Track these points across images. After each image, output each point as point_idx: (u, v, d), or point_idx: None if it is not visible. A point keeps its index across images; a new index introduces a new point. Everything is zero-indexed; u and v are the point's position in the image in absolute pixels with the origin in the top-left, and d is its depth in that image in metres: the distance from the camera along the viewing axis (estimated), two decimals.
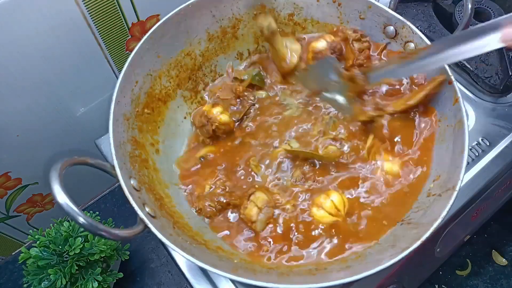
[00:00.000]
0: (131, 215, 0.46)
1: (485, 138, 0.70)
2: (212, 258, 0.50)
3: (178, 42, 0.64)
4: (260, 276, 0.48)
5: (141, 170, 0.55)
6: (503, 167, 0.68)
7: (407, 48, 0.61)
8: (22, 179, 0.85)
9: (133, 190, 0.49)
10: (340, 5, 0.65)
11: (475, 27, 0.47)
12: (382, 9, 0.61)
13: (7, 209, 0.89)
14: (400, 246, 0.46)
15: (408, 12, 0.83)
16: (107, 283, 0.81)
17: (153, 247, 1.04)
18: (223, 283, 0.59)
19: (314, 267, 0.51)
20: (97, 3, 0.66)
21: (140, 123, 0.59)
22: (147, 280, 1.00)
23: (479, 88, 0.76)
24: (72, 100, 0.80)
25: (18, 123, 0.74)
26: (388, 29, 0.63)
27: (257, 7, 0.68)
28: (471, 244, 1.08)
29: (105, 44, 0.74)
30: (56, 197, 0.40)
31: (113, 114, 0.53)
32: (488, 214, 0.84)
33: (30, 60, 0.67)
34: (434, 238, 0.73)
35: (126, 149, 0.54)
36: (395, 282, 0.74)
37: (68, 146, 0.88)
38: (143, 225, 0.46)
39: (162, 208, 0.53)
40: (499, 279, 1.04)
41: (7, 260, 1.03)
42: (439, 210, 0.47)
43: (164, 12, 0.61)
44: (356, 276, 0.43)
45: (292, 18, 0.70)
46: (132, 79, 0.58)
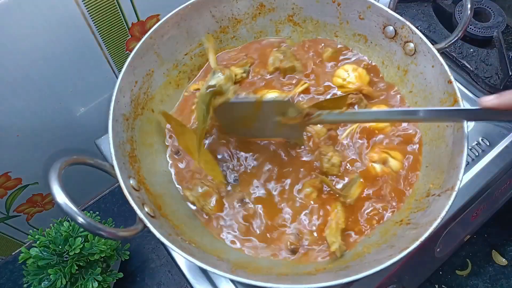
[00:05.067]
0: (131, 215, 0.46)
1: (485, 138, 0.70)
2: (212, 258, 0.50)
3: (178, 42, 0.64)
4: (260, 276, 0.48)
5: (140, 170, 0.55)
6: (503, 167, 0.68)
7: (406, 48, 0.61)
8: (22, 179, 0.85)
9: (133, 190, 0.49)
10: (339, 5, 0.65)
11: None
12: (382, 9, 0.61)
13: (7, 209, 0.89)
14: (400, 246, 0.46)
15: (408, 12, 0.83)
16: (107, 283, 0.81)
17: (153, 247, 1.04)
18: (223, 283, 0.59)
19: (314, 268, 0.52)
20: (97, 3, 0.66)
21: (140, 123, 0.59)
22: (147, 280, 1.00)
23: (479, 88, 0.76)
24: (72, 100, 0.80)
25: (18, 123, 0.74)
26: (387, 29, 0.63)
27: (257, 7, 0.68)
28: (471, 244, 1.08)
29: (105, 44, 0.74)
30: (55, 197, 0.40)
31: (113, 114, 0.53)
32: (488, 214, 0.84)
33: (30, 60, 0.67)
34: (434, 238, 0.73)
35: (126, 149, 0.54)
36: (395, 282, 0.73)
37: (68, 146, 0.88)
38: (142, 225, 0.46)
39: (161, 209, 0.53)
40: (499, 279, 1.04)
41: (7, 260, 1.03)
42: (439, 210, 0.47)
43: (164, 12, 0.61)
44: (356, 276, 0.43)
45: (291, 19, 0.70)
46: (132, 79, 0.58)
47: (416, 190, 0.57)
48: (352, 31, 0.67)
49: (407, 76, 0.63)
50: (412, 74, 0.62)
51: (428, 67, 0.59)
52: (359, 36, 0.67)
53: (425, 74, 0.60)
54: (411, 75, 0.63)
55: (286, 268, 0.52)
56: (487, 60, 0.75)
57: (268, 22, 0.70)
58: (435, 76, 0.58)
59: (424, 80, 0.60)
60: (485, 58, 0.76)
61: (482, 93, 0.75)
